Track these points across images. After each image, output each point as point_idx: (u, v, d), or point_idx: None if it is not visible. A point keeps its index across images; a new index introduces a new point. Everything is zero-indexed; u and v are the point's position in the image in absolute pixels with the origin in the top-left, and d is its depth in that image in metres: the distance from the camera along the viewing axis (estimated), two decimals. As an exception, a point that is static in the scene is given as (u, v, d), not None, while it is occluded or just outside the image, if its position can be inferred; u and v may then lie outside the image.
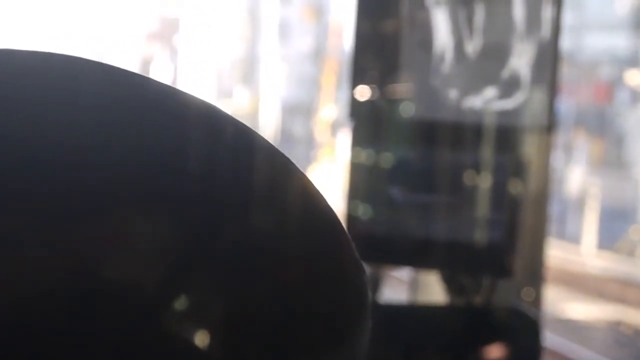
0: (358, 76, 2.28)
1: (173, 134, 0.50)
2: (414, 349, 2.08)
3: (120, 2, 45.58)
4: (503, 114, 2.26)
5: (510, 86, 2.25)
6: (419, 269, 2.48)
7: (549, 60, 2.28)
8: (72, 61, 0.52)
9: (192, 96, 0.53)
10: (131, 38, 42.64)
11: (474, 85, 2.25)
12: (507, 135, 2.28)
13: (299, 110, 30.17)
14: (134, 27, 42.71)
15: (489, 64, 2.26)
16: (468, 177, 2.23)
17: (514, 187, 2.24)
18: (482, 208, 2.22)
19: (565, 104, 19.36)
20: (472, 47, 2.24)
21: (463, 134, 2.26)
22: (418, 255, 2.28)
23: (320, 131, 24.87)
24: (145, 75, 0.53)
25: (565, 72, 18.90)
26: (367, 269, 2.35)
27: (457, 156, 2.26)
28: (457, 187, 2.24)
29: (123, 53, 40.98)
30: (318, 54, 29.50)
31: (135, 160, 0.49)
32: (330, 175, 17.57)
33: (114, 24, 43.73)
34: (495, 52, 2.26)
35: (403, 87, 2.29)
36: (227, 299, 0.48)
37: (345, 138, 2.44)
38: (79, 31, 43.97)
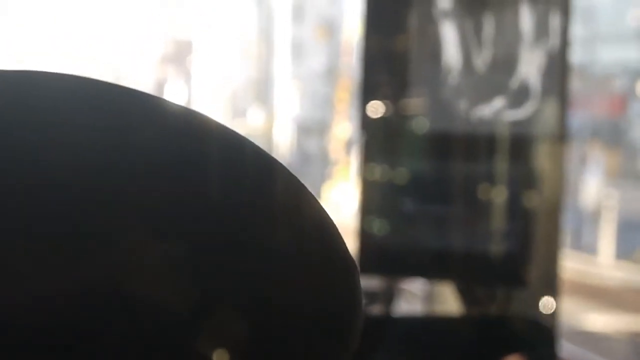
0: (368, 92, 2.29)
1: (191, 156, 0.51)
2: (430, 361, 2.08)
3: (134, 25, 45.71)
4: (515, 124, 2.26)
5: (519, 96, 2.25)
6: (433, 281, 2.48)
7: (558, 70, 2.28)
8: (88, 83, 0.53)
9: (210, 118, 0.54)
10: (145, 61, 42.76)
11: (483, 96, 2.25)
12: (519, 145, 2.28)
13: (314, 129, 30.17)
14: (148, 49, 42.84)
15: (498, 75, 2.26)
16: (481, 188, 2.24)
17: (527, 198, 2.25)
18: (495, 219, 2.22)
19: (580, 116, 19.32)
20: (480, 58, 2.25)
21: (475, 145, 2.26)
22: (432, 267, 2.29)
23: (335, 149, 24.86)
24: (163, 97, 0.54)
25: (579, 84, 18.87)
26: (382, 282, 2.35)
27: (469, 167, 2.27)
28: (470, 198, 2.24)
29: (137, 75, 41.08)
30: (331, 72, 29.52)
31: (154, 183, 0.50)
32: (346, 192, 17.55)
33: (128, 47, 43.87)
34: (504, 63, 2.27)
35: (413, 101, 2.30)
36: (243, 316, 0.49)
37: (358, 154, 2.43)
38: (93, 54, 44.11)
